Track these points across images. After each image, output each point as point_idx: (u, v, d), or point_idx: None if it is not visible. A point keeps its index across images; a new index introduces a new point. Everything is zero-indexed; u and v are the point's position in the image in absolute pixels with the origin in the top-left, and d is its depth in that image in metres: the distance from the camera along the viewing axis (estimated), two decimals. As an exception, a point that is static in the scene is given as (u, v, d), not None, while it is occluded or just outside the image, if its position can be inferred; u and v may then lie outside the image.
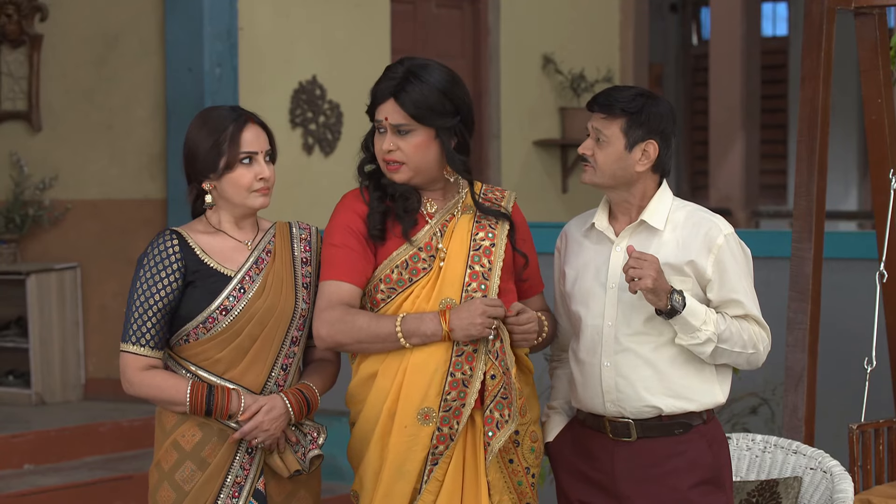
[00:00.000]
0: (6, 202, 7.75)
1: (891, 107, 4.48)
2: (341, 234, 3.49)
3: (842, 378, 4.99)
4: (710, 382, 3.52)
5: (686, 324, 3.40)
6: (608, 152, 3.48)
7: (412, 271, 3.46)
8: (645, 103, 3.47)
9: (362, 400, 3.48)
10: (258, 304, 3.44)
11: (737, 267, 3.48)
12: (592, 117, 3.51)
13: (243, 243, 3.51)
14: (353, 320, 3.42)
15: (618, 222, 3.56)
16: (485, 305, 3.37)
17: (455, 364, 3.41)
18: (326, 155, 7.97)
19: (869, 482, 4.19)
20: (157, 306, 3.42)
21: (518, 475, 3.50)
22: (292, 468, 3.47)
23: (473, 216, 3.53)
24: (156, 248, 3.44)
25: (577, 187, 9.72)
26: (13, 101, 7.91)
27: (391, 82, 3.49)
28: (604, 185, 3.52)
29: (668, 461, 3.49)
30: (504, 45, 9.21)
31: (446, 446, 3.41)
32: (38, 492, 6.13)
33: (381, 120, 3.50)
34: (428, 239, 3.49)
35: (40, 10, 7.81)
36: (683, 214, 3.53)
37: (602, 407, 3.52)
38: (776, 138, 15.29)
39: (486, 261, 3.47)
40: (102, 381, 7.58)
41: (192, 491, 3.43)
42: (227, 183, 3.45)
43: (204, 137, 3.45)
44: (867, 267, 4.67)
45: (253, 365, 3.46)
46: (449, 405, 3.40)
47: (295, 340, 3.51)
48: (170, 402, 3.43)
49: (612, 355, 3.49)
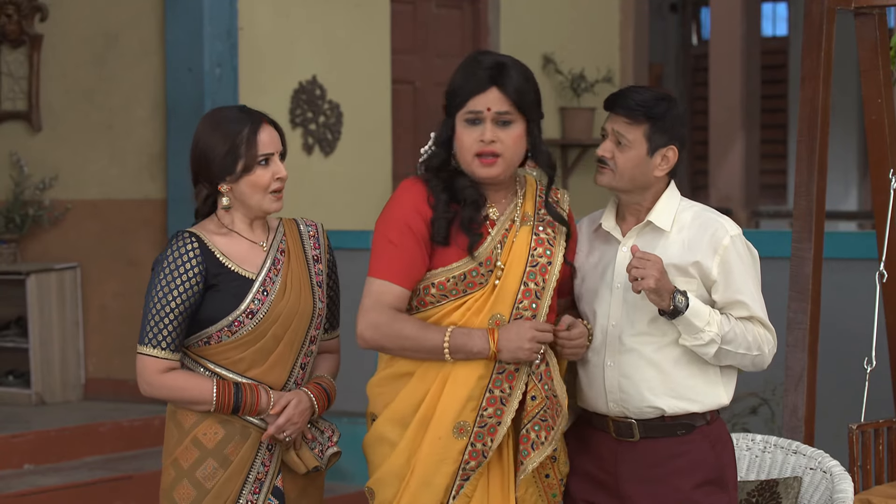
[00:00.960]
0: (6, 202, 7.74)
1: (891, 107, 4.47)
2: (399, 232, 3.37)
3: (842, 378, 4.99)
4: (714, 384, 3.51)
5: (689, 324, 3.39)
6: (629, 156, 3.45)
7: (468, 284, 3.39)
8: (668, 108, 3.44)
9: (391, 396, 3.42)
10: (281, 306, 3.45)
11: (742, 268, 3.46)
12: (612, 119, 3.47)
13: (258, 244, 3.51)
14: (402, 328, 3.34)
15: (625, 223, 3.55)
16: (535, 331, 3.33)
17: (495, 381, 3.36)
18: (326, 155, 7.97)
19: (869, 482, 4.18)
20: (178, 309, 3.40)
21: (553, 488, 3.48)
22: (310, 465, 3.50)
23: (532, 227, 3.45)
24: (175, 251, 3.43)
25: (578, 187, 9.72)
26: (13, 101, 7.91)
27: (488, 71, 3.35)
28: (621, 188, 3.50)
29: (670, 461, 3.48)
30: (504, 44, 9.20)
31: (478, 463, 3.36)
32: (38, 492, 6.13)
33: (481, 110, 3.35)
34: (489, 253, 3.40)
35: (40, 10, 7.81)
36: (690, 215, 3.51)
37: (605, 407, 3.52)
38: (776, 138, 15.29)
39: (540, 279, 3.41)
40: (102, 381, 7.57)
41: (213, 488, 3.43)
42: (246, 185, 3.45)
43: (218, 141, 3.43)
44: (867, 267, 4.67)
45: (276, 365, 3.47)
46: (485, 421, 3.35)
47: (313, 339, 3.53)
48: (193, 402, 3.43)
49: (615, 355, 3.49)
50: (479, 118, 3.36)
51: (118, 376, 7.44)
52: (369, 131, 8.11)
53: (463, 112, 3.38)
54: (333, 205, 7.81)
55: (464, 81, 3.38)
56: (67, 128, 7.75)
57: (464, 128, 3.38)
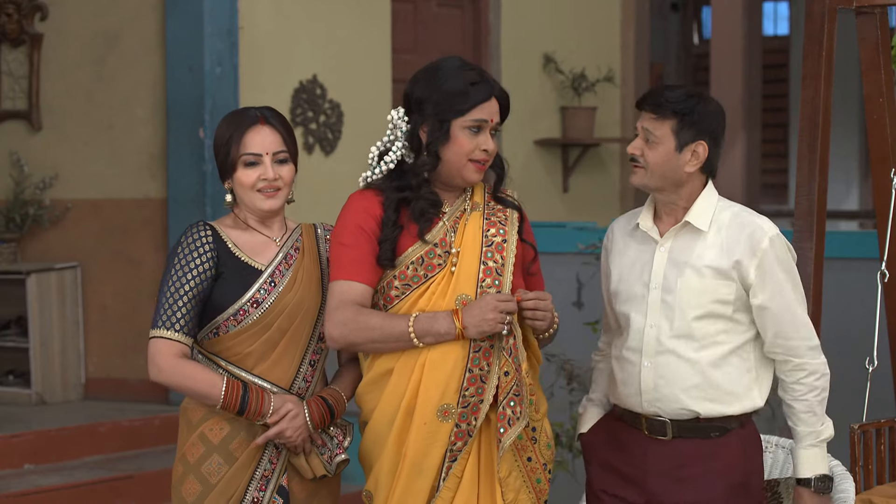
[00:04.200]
0: (6, 202, 7.74)
1: (892, 106, 4.47)
2: (350, 233, 3.50)
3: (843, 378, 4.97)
4: (749, 388, 3.53)
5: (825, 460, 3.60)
6: (658, 152, 3.47)
7: (427, 267, 3.47)
8: (696, 104, 3.46)
9: (376, 399, 3.47)
10: (288, 298, 3.48)
11: (782, 274, 3.48)
12: (642, 117, 3.50)
13: (272, 239, 3.57)
14: (366, 320, 3.42)
15: (662, 223, 3.56)
16: (496, 301, 3.38)
17: (473, 360, 3.42)
18: (327, 154, 7.96)
19: (870, 482, 4.18)
20: (191, 293, 3.43)
21: (536, 472, 3.50)
22: (318, 472, 3.50)
23: (483, 213, 3.55)
24: (189, 238, 3.49)
25: (578, 187, 9.71)
26: (13, 101, 7.90)
27: (488, 83, 3.50)
28: (653, 186, 3.51)
29: (701, 462, 3.50)
30: (505, 44, 9.19)
31: (464, 442, 3.42)
32: (37, 492, 6.11)
33: (486, 120, 3.48)
34: (442, 235, 3.50)
35: (40, 10, 7.80)
36: (729, 215, 3.52)
37: (640, 406, 3.54)
38: (777, 138, 15.30)
39: (498, 256, 3.48)
40: (102, 381, 7.57)
41: (218, 484, 3.45)
42: (236, 183, 3.52)
43: (219, 137, 3.53)
44: (868, 266, 4.66)
45: (282, 359, 3.49)
46: (467, 401, 3.41)
47: (322, 336, 3.54)
48: (201, 395, 3.44)
49: (652, 356, 3.50)
50: (482, 127, 3.48)
51: (118, 376, 7.44)
52: (370, 131, 8.08)
53: (465, 119, 3.47)
54: (334, 204, 7.72)
55: (466, 89, 3.46)
56: (67, 127, 7.74)
57: (466, 135, 3.47)
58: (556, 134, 9.62)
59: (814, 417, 3.52)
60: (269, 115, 3.55)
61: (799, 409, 3.52)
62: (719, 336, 3.49)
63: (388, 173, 3.56)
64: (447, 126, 3.46)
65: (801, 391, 3.52)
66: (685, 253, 3.50)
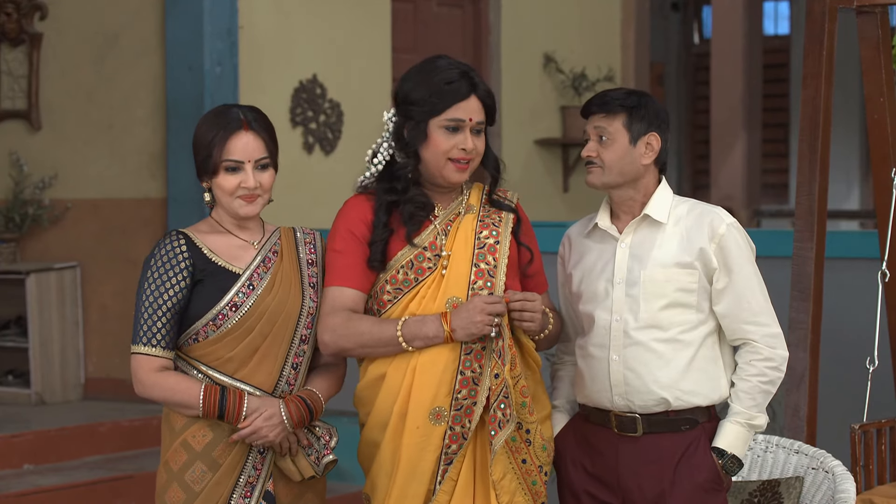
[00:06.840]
0: (6, 201, 7.74)
1: (893, 105, 4.47)
2: (342, 240, 3.50)
3: (844, 378, 4.98)
4: (717, 378, 3.55)
5: (746, 443, 3.56)
6: (613, 149, 3.53)
7: (417, 271, 3.46)
8: (641, 98, 3.55)
9: (371, 402, 3.47)
10: (268, 301, 3.45)
11: (739, 253, 3.52)
12: (591, 120, 3.56)
13: (249, 243, 3.53)
14: (356, 326, 3.42)
15: (620, 221, 3.61)
16: (484, 303, 3.37)
17: (464, 363, 3.41)
18: (327, 154, 7.96)
19: (871, 482, 4.18)
20: (167, 306, 3.41)
21: (532, 475, 3.48)
22: (306, 474, 3.47)
23: (477, 215, 3.54)
24: (163, 249, 3.44)
25: (579, 186, 9.71)
26: (13, 100, 7.90)
27: (466, 79, 3.46)
28: (612, 183, 3.56)
29: (672, 457, 3.51)
30: (505, 43, 9.19)
31: (459, 445, 3.41)
32: (37, 492, 6.11)
33: (463, 119, 3.45)
34: (432, 238, 3.49)
35: (40, 9, 7.80)
36: (685, 208, 3.59)
37: (610, 401, 3.55)
38: (778, 137, 15.28)
39: (490, 258, 3.48)
40: (102, 381, 7.57)
41: (202, 492, 3.42)
42: (215, 186, 3.49)
43: (200, 137, 3.50)
44: (869, 266, 4.66)
45: (263, 363, 3.45)
46: (460, 404, 3.40)
47: (304, 339, 3.51)
48: (184, 405, 3.41)
49: (620, 349, 3.52)
50: (460, 126, 3.45)
51: (118, 376, 7.44)
52: (370, 131, 8.09)
53: (441, 119, 3.45)
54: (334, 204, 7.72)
55: (441, 88, 3.44)
56: (67, 127, 7.74)
57: (442, 134, 3.45)
58: (556, 134, 9.63)
59: (751, 401, 3.53)
60: (251, 118, 3.49)
61: (740, 388, 3.54)
62: (686, 325, 3.52)
63: (380, 174, 3.55)
64: (423, 125, 3.46)
65: (748, 371, 3.54)
66: (646, 246, 3.55)
